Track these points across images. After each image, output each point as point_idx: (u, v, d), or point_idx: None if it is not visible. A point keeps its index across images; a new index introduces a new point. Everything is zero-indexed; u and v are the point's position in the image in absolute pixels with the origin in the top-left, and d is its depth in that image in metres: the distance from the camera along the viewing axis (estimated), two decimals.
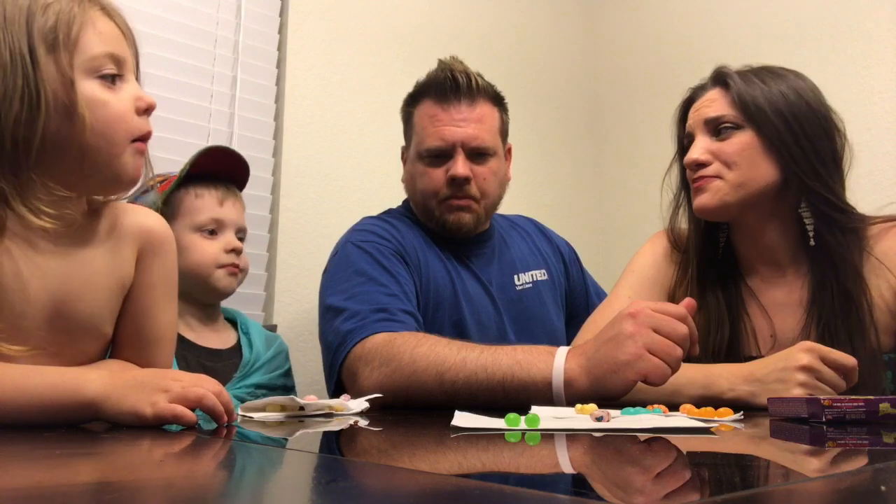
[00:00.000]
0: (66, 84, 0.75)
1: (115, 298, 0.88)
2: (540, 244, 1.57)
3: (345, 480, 0.45)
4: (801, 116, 1.09)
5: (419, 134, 1.38)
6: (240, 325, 1.39)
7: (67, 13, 0.76)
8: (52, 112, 0.75)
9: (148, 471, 0.52)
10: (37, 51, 0.74)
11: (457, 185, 1.34)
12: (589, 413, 0.74)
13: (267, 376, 1.32)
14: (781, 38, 1.99)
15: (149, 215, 0.93)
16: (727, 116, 1.12)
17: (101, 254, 0.86)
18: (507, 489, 0.42)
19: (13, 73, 0.73)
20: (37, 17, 0.75)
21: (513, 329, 1.39)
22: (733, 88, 1.13)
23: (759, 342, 1.15)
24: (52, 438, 0.65)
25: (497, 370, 1.01)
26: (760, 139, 1.10)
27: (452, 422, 0.71)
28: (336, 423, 0.82)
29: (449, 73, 1.36)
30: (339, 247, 1.35)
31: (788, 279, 1.16)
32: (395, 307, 1.19)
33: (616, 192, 2.41)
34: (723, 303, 1.16)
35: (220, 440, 0.69)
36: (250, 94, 1.74)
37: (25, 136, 0.74)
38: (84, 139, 0.76)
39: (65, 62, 0.75)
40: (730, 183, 1.11)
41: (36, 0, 0.75)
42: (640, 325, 0.94)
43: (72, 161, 0.78)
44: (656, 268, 1.24)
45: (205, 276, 1.29)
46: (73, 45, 0.76)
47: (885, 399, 0.75)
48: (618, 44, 2.47)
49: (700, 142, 1.14)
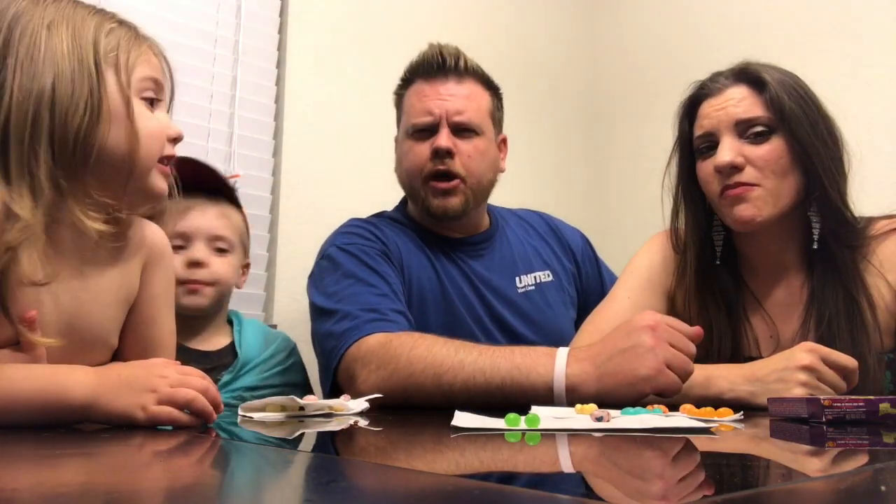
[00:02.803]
0: (124, 99, 0.81)
1: (122, 311, 0.91)
2: (549, 243, 1.53)
3: (344, 480, 0.45)
4: (819, 122, 1.07)
5: (407, 112, 1.38)
6: (234, 325, 1.36)
7: (127, 41, 0.83)
8: (112, 122, 0.79)
9: (147, 471, 0.52)
10: (101, 64, 0.80)
11: (439, 157, 1.31)
12: (589, 413, 0.74)
13: (260, 377, 1.29)
14: (781, 38, 1.99)
15: (150, 227, 0.95)
16: (762, 119, 1.07)
17: (111, 268, 0.88)
18: (507, 489, 0.42)
19: (80, 80, 0.78)
20: (102, 36, 0.81)
21: (512, 333, 1.37)
22: (771, 89, 1.07)
23: (760, 344, 1.15)
24: (51, 438, 0.65)
25: (496, 374, 1.00)
26: (790, 146, 1.06)
27: (452, 422, 0.71)
28: (336, 423, 0.82)
29: (437, 51, 1.36)
30: (324, 250, 1.34)
31: (789, 280, 1.15)
32: (386, 307, 1.18)
33: (616, 191, 2.41)
34: (723, 305, 1.15)
35: (221, 440, 0.69)
36: (250, 94, 1.74)
37: (85, 139, 0.77)
38: (133, 151, 0.81)
39: (123, 80, 0.81)
40: (770, 192, 1.06)
41: (100, 25, 0.82)
42: (660, 339, 0.93)
43: (117, 172, 0.81)
44: (655, 270, 1.22)
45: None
46: (131, 67, 0.83)
47: (885, 399, 0.75)
48: (617, 43, 2.47)
49: (729, 143, 1.08)
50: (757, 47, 1.99)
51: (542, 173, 2.31)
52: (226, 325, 1.37)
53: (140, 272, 0.93)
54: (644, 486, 0.43)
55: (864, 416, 0.74)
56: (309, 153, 1.79)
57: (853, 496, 0.40)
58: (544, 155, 2.33)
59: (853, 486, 0.42)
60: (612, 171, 2.43)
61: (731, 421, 0.78)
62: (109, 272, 0.88)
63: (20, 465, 0.52)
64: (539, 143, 2.31)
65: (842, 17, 1.88)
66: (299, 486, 0.44)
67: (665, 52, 2.30)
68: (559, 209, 2.22)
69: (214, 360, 1.29)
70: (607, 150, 2.45)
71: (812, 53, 1.91)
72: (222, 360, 1.29)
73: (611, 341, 0.97)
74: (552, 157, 2.35)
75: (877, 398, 0.75)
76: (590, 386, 0.95)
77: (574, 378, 0.97)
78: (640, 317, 0.97)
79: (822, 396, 0.78)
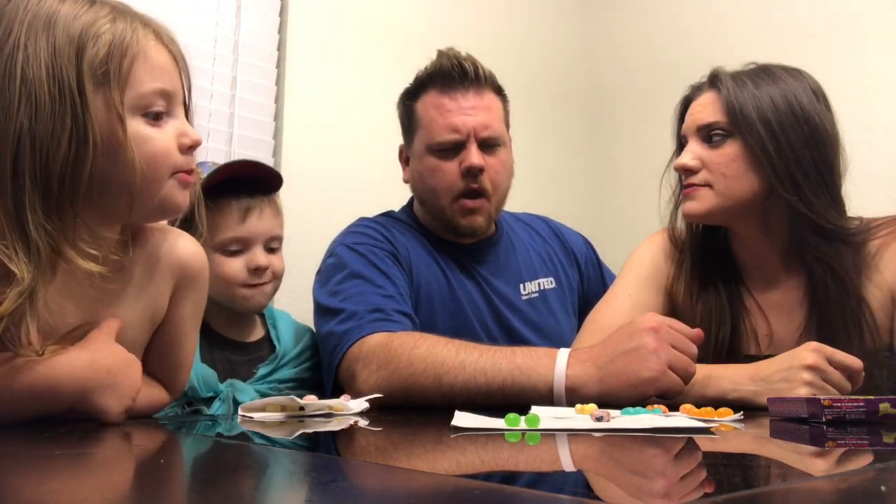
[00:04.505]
0: (113, 122, 0.72)
1: (147, 332, 0.87)
2: (553, 248, 1.53)
3: (344, 480, 0.45)
4: (787, 126, 1.08)
5: (426, 127, 1.33)
6: (267, 319, 1.36)
7: (120, 43, 0.73)
8: (100, 151, 0.72)
9: (149, 471, 0.52)
10: (86, 86, 0.70)
11: (471, 176, 1.29)
12: (589, 413, 0.74)
13: (293, 371, 1.29)
14: (781, 38, 1.99)
15: (188, 244, 0.90)
16: (719, 123, 1.12)
17: (136, 290, 0.84)
18: (508, 489, 0.42)
19: (62, 112, 0.69)
20: (87, 48, 0.71)
21: (519, 340, 1.36)
22: (723, 93, 1.12)
23: (758, 341, 1.15)
24: (51, 438, 0.65)
25: (496, 375, 1.00)
26: (746, 149, 1.10)
27: (452, 422, 0.71)
28: (336, 423, 0.82)
29: (455, 62, 1.32)
30: (332, 249, 1.33)
31: (783, 281, 1.16)
32: (391, 308, 1.18)
33: (616, 190, 2.41)
34: (724, 300, 1.16)
35: (221, 441, 0.69)
36: (250, 94, 1.74)
37: (72, 176, 0.70)
38: (129, 176, 0.73)
39: (115, 99, 0.72)
40: (717, 192, 1.12)
41: (89, 28, 0.72)
42: (662, 341, 0.94)
43: (115, 197, 0.75)
44: (654, 267, 1.24)
45: (229, 295, 1.25)
46: (125, 79, 0.73)
47: (885, 399, 0.75)
48: (618, 43, 2.47)
49: (691, 147, 1.15)
50: (757, 47, 1.99)
51: (543, 173, 2.31)
52: (256, 316, 1.37)
53: (169, 294, 0.88)
54: (644, 486, 0.43)
55: (864, 416, 0.74)
56: (309, 153, 1.79)
57: (853, 496, 0.40)
58: (544, 155, 2.32)
59: (853, 486, 0.42)
60: (612, 171, 2.43)
61: (731, 421, 0.78)
62: (136, 293, 0.83)
63: (20, 465, 0.52)
64: (539, 143, 2.31)
65: (842, 17, 1.88)
66: (299, 486, 0.44)
67: (665, 52, 2.30)
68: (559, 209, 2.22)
69: (252, 351, 1.29)
70: (607, 151, 2.45)
71: (812, 53, 1.91)
72: (259, 353, 1.30)
73: (612, 343, 0.97)
74: (552, 158, 2.35)
75: (877, 398, 0.75)
76: (592, 387, 0.95)
77: (575, 379, 0.97)
78: (641, 318, 0.98)
79: (823, 396, 0.78)
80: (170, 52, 0.79)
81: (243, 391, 1.17)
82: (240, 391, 1.16)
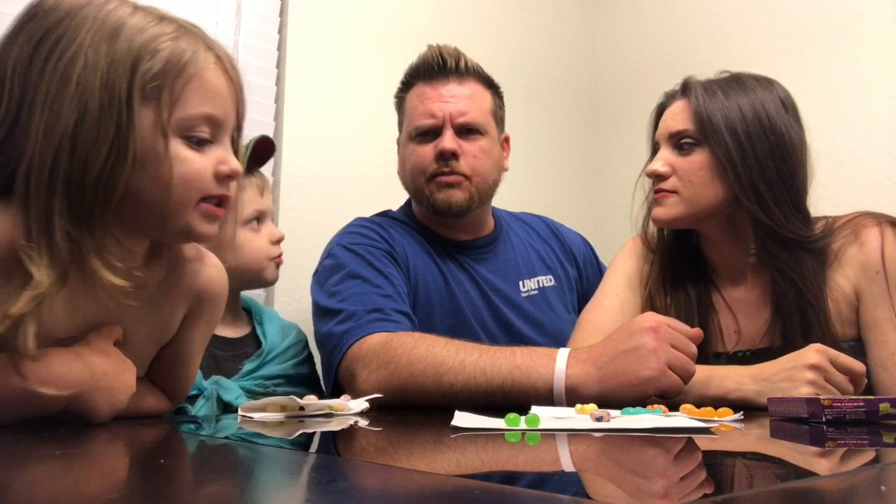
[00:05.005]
0: (156, 138, 0.72)
1: (154, 350, 0.87)
2: (552, 247, 1.53)
3: (344, 480, 0.45)
4: (753, 136, 1.11)
5: (409, 115, 1.38)
6: (254, 315, 1.37)
7: (177, 62, 0.73)
8: (137, 164, 0.71)
9: (148, 471, 0.52)
10: (134, 99, 0.70)
11: (444, 159, 1.32)
12: (589, 413, 0.74)
13: (280, 367, 1.29)
14: (781, 38, 1.99)
15: (211, 269, 0.88)
16: (688, 132, 1.15)
17: (149, 309, 0.82)
18: (508, 489, 0.42)
19: (107, 121, 0.69)
20: (143, 61, 0.71)
21: (518, 337, 1.37)
22: (693, 103, 1.15)
23: (724, 338, 1.19)
24: (51, 438, 0.65)
25: (496, 375, 1.00)
26: (713, 158, 1.13)
27: (452, 422, 0.71)
28: (336, 423, 0.82)
29: (437, 53, 1.36)
30: (329, 249, 1.34)
31: (750, 280, 1.19)
32: (390, 307, 1.18)
33: (615, 190, 2.41)
34: (693, 298, 1.20)
35: (221, 441, 0.69)
36: (250, 94, 1.72)
37: (106, 186, 0.70)
38: (160, 194, 0.73)
39: (163, 116, 0.72)
40: (684, 199, 1.16)
41: (149, 42, 0.72)
42: (662, 341, 0.94)
43: (144, 213, 0.74)
44: (635, 268, 1.29)
45: (257, 271, 1.31)
46: (175, 98, 0.73)
47: (885, 399, 0.75)
48: (618, 43, 2.47)
49: (662, 154, 1.18)
50: (756, 48, 2.00)
51: (542, 173, 2.31)
52: (243, 311, 1.38)
53: (182, 316, 0.87)
54: (644, 486, 0.43)
55: (864, 416, 0.74)
56: (309, 153, 1.79)
57: (853, 496, 0.40)
58: (544, 155, 2.32)
59: (853, 486, 0.42)
60: (612, 171, 2.43)
61: (731, 421, 0.78)
62: (148, 312, 0.82)
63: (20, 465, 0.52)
64: (539, 143, 2.31)
65: (842, 17, 1.88)
66: (299, 486, 0.44)
67: (665, 52, 2.30)
68: (558, 209, 2.22)
69: (237, 347, 1.29)
70: (607, 151, 2.45)
71: (812, 53, 1.91)
72: (244, 348, 1.30)
73: (612, 342, 0.98)
74: (552, 158, 2.35)
75: (876, 398, 0.75)
76: (591, 387, 0.96)
77: (575, 379, 0.97)
78: (641, 318, 0.98)
79: (823, 396, 0.78)
80: (228, 79, 0.79)
81: (228, 389, 1.15)
82: (225, 389, 1.15)
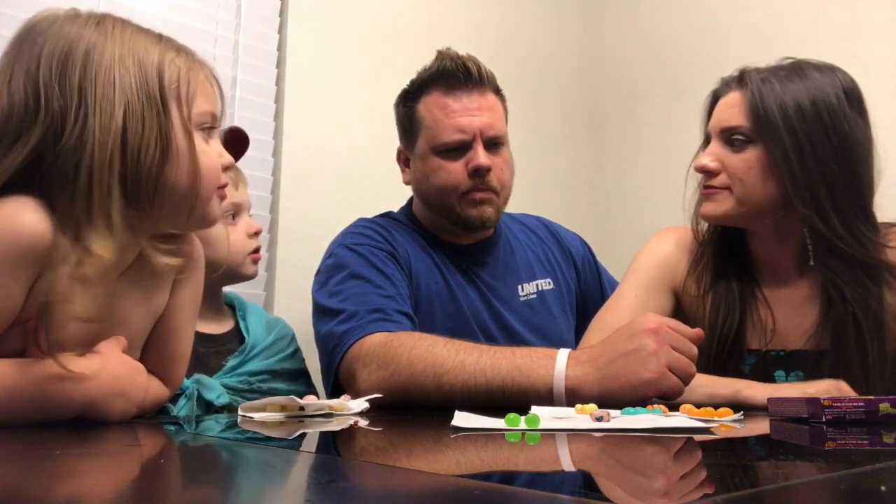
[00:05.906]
0: (186, 133, 0.82)
1: (149, 325, 0.91)
2: (550, 249, 1.53)
3: (344, 480, 0.45)
4: (813, 135, 1.06)
5: (431, 128, 1.33)
6: (237, 309, 1.36)
7: (187, 70, 0.84)
8: (178, 158, 0.81)
9: (148, 471, 0.52)
10: (167, 98, 0.80)
11: (479, 176, 1.31)
12: (589, 413, 0.74)
13: (264, 363, 1.28)
14: (781, 38, 1.99)
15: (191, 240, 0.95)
16: (742, 129, 1.10)
17: (144, 285, 0.88)
18: (508, 489, 0.42)
19: (150, 118, 0.78)
20: (166, 67, 0.81)
21: (519, 341, 1.36)
22: (748, 96, 1.10)
23: (761, 334, 1.15)
24: (52, 438, 0.65)
25: (496, 375, 1.00)
26: (768, 156, 1.09)
27: (452, 422, 0.71)
28: (336, 423, 0.82)
29: (460, 62, 1.33)
30: (331, 250, 1.33)
31: (795, 281, 1.16)
32: (391, 308, 1.18)
33: (615, 190, 2.41)
34: (736, 291, 1.16)
35: (221, 441, 0.69)
36: (250, 94, 1.73)
37: (156, 179, 0.79)
38: (196, 186, 0.82)
39: (185, 113, 0.82)
40: (735, 197, 1.12)
41: (165, 53, 0.82)
42: (662, 343, 0.93)
43: (181, 205, 0.83)
44: (662, 266, 1.24)
45: (235, 266, 1.29)
46: (191, 100, 0.83)
47: (884, 399, 0.75)
48: (618, 43, 2.47)
49: (713, 148, 1.14)
50: (757, 47, 1.99)
51: (542, 173, 2.30)
52: (226, 307, 1.36)
53: (170, 287, 0.92)
54: (644, 486, 0.43)
55: (864, 416, 0.74)
56: (309, 153, 1.79)
57: (853, 496, 0.40)
58: (544, 155, 2.32)
59: (853, 486, 0.42)
60: (612, 171, 2.43)
61: (731, 421, 0.78)
62: (142, 289, 0.87)
63: (20, 465, 0.52)
64: (539, 143, 2.31)
65: (842, 16, 1.88)
66: (299, 486, 0.44)
67: (665, 52, 2.30)
68: (558, 209, 2.22)
69: (220, 343, 1.28)
70: (607, 151, 2.45)
71: (813, 53, 1.90)
72: (228, 344, 1.28)
73: (612, 344, 0.97)
74: (552, 158, 2.35)
75: (876, 398, 0.75)
76: (591, 388, 0.95)
77: (575, 380, 0.96)
78: (642, 319, 0.97)
79: (822, 397, 0.78)
80: (215, 85, 0.90)
81: (210, 388, 1.13)
82: (206, 388, 1.13)
